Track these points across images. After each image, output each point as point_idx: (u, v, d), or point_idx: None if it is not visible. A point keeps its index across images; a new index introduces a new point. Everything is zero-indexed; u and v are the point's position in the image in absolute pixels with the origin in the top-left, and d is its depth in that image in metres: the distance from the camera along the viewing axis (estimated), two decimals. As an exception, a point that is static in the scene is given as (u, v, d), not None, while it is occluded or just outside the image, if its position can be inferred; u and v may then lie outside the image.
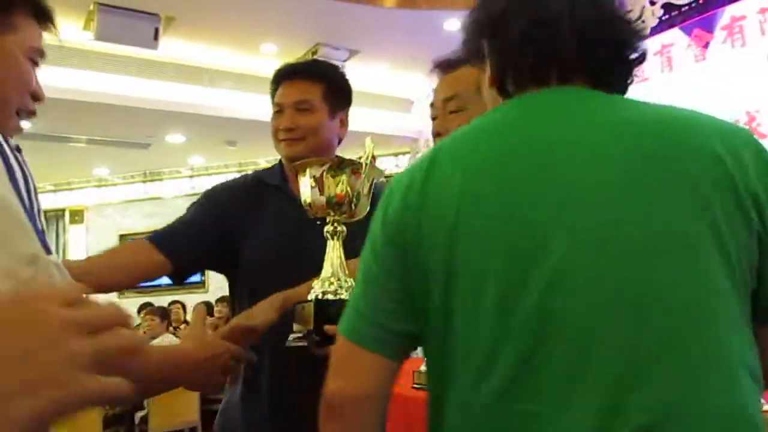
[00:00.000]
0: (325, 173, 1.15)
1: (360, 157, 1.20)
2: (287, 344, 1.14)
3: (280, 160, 1.47)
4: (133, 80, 5.01)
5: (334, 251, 1.16)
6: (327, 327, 1.06)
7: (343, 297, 1.11)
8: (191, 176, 7.75)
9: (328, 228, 1.17)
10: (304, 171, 1.18)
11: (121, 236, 7.74)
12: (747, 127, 3.26)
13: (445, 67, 1.26)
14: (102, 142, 6.01)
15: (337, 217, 1.17)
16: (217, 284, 6.68)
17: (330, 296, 1.11)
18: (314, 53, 4.99)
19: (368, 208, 1.21)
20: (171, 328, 5.61)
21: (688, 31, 3.72)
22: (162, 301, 6.26)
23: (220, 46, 5.06)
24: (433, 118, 1.29)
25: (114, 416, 4.37)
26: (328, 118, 1.42)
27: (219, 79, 5.41)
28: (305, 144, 1.37)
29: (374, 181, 1.24)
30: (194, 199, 1.47)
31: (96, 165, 7.30)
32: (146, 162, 7.06)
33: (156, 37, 4.32)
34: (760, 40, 3.41)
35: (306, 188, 1.18)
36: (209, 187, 1.50)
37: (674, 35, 3.78)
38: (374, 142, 1.22)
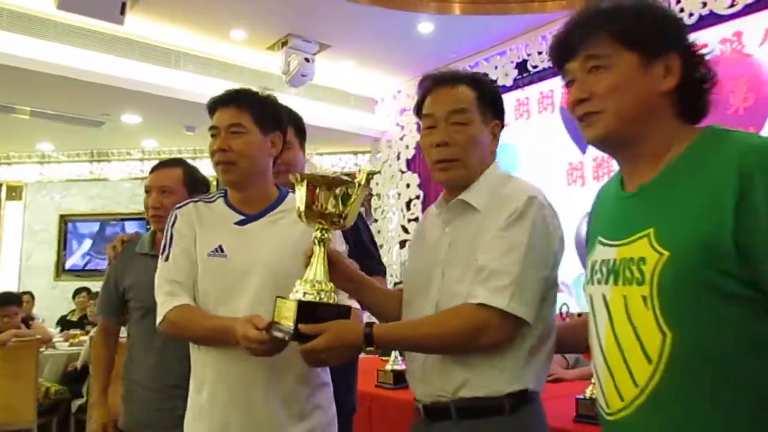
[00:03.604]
0: (321, 189, 1.26)
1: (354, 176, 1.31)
2: (270, 333, 1.23)
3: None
4: (94, 55, 4.79)
5: (318, 258, 1.27)
6: (302, 326, 1.16)
7: (324, 301, 1.22)
8: (142, 159, 7.41)
9: (316, 234, 1.28)
10: (302, 183, 1.27)
11: (61, 216, 7.37)
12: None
13: (448, 80, 1.30)
14: (50, 116, 5.71)
15: (326, 226, 1.27)
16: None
17: (311, 298, 1.21)
18: (284, 43, 4.89)
19: (354, 220, 1.32)
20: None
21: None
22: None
23: (187, 28, 4.91)
24: (429, 127, 1.29)
25: (49, 405, 4.18)
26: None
27: (184, 62, 5.24)
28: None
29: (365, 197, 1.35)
30: (142, 182, 1.44)
31: (40, 140, 6.96)
32: (96, 141, 6.77)
33: (123, 11, 4.13)
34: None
35: (301, 199, 1.28)
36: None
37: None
38: (365, 169, 1.33)
